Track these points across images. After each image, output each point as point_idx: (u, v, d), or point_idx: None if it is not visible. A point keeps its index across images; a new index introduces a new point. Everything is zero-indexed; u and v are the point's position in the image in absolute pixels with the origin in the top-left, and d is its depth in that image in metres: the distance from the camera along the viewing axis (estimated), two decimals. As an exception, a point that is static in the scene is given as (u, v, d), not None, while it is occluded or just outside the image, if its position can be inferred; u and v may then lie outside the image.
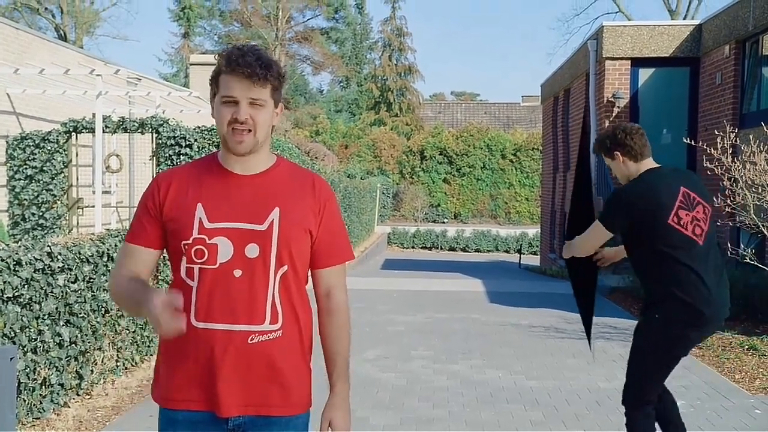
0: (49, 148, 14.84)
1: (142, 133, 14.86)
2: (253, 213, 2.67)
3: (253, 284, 2.65)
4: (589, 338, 5.07)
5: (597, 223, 4.64)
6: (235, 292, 2.64)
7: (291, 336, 2.72)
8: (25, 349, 5.76)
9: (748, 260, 9.84)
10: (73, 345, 6.50)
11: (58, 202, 15.02)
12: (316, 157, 31.07)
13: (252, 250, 2.65)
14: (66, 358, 6.38)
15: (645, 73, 17.00)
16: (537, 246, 33.07)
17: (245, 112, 2.64)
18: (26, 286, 5.72)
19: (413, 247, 38.32)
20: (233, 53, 2.65)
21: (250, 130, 2.66)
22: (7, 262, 5.51)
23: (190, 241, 2.65)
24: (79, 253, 6.59)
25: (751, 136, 10.66)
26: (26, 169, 14.83)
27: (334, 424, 2.76)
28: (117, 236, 7.40)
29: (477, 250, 37.73)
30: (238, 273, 2.64)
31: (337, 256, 2.85)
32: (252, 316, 2.64)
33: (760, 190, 9.90)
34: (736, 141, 10.85)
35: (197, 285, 2.65)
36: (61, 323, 6.29)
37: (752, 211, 10.00)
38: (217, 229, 2.65)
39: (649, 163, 4.66)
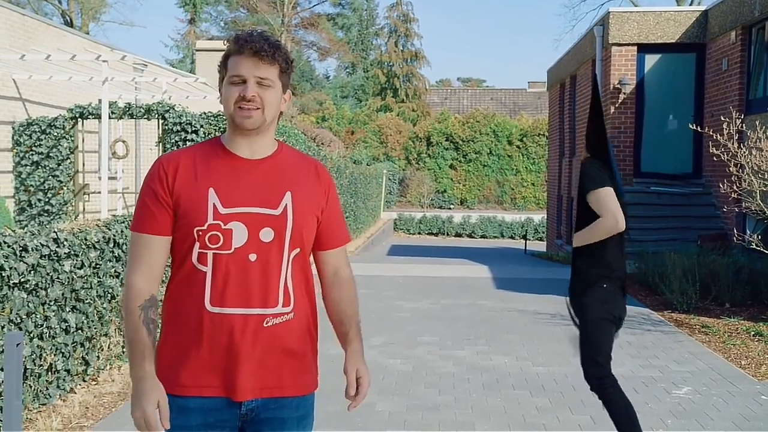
0: (55, 134, 14.86)
1: (149, 119, 14.87)
2: (267, 197, 2.68)
3: (267, 268, 2.66)
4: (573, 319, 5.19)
5: (603, 189, 4.74)
6: (249, 276, 2.64)
7: (302, 317, 2.75)
8: (32, 335, 5.78)
9: (755, 246, 9.82)
10: (80, 331, 6.52)
11: (65, 188, 15.04)
12: (322, 143, 31.07)
13: (267, 235, 2.66)
14: (72, 344, 6.41)
15: (651, 59, 16.96)
16: (543, 232, 33.05)
17: (253, 90, 2.65)
18: (32, 272, 5.73)
19: (419, 233, 38.30)
20: (242, 35, 2.69)
21: (258, 108, 2.66)
22: (13, 248, 5.52)
23: (204, 227, 2.63)
24: (86, 239, 6.60)
25: (757, 122, 10.64)
26: (32, 155, 14.84)
27: (360, 372, 2.81)
28: (123, 222, 7.40)
29: (483, 236, 37.67)
30: (252, 257, 2.65)
31: (341, 238, 2.93)
32: (266, 299, 2.65)
33: (766, 176, 9.87)
34: (742, 127, 10.81)
35: (212, 270, 2.65)
36: (68, 309, 6.31)
37: (758, 197, 9.97)
38: (231, 215, 2.64)
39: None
